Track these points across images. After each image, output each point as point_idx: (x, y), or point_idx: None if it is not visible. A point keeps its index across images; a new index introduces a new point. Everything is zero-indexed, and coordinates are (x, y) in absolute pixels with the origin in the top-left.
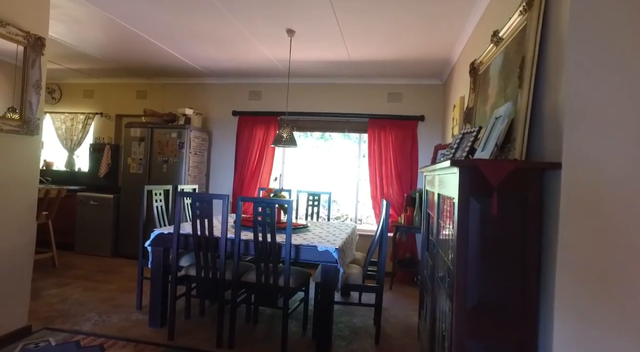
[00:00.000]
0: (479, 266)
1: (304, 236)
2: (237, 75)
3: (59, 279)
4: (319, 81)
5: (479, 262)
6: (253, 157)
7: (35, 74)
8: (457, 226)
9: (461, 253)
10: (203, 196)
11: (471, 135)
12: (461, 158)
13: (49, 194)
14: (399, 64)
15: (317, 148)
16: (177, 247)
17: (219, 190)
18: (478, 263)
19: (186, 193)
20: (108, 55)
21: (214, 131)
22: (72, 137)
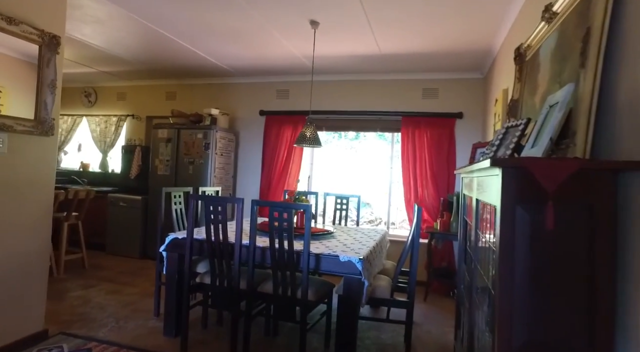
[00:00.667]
0: (528, 293)
1: (327, 243)
2: (264, 74)
3: (86, 280)
4: (349, 78)
5: (529, 289)
6: (280, 158)
7: (51, 73)
8: (500, 243)
9: (505, 277)
10: (216, 199)
11: (517, 129)
12: (505, 156)
13: (77, 195)
14: (434, 56)
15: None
16: (190, 253)
17: (246, 192)
18: (527, 290)
19: (199, 196)
20: (136, 57)
21: (240, 132)
22: (105, 139)
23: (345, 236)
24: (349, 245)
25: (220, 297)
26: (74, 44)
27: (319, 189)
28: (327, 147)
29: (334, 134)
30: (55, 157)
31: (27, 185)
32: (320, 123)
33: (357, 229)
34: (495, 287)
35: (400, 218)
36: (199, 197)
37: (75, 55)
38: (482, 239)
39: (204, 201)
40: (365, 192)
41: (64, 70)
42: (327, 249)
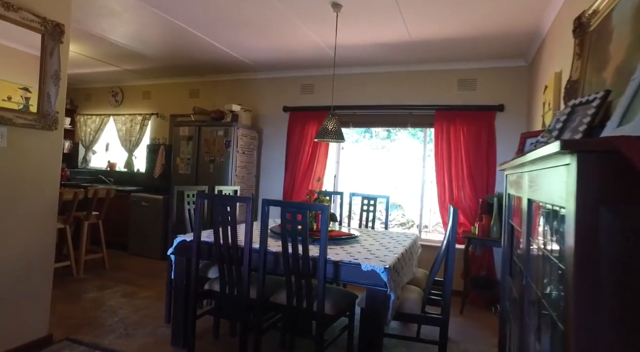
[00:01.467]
0: (620, 332)
1: (349, 249)
2: (287, 68)
3: (104, 281)
4: (376, 70)
5: (621, 326)
6: (305, 157)
7: (54, 63)
8: (577, 260)
9: (584, 307)
10: (224, 198)
11: (589, 106)
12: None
13: (97, 194)
14: (471, 42)
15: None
16: (196, 258)
17: (269, 192)
18: (619, 327)
19: (206, 194)
20: (157, 53)
21: (264, 129)
22: (130, 138)
23: (371, 241)
24: (374, 251)
25: (230, 307)
26: (96, 41)
27: (345, 189)
28: (356, 146)
29: (364, 134)
30: (60, 153)
31: (29, 182)
32: (346, 119)
33: (386, 233)
34: (569, 320)
35: (434, 221)
36: (206, 196)
37: (99, 53)
38: (536, 247)
39: (211, 200)
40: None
41: (91, 70)
42: (348, 255)
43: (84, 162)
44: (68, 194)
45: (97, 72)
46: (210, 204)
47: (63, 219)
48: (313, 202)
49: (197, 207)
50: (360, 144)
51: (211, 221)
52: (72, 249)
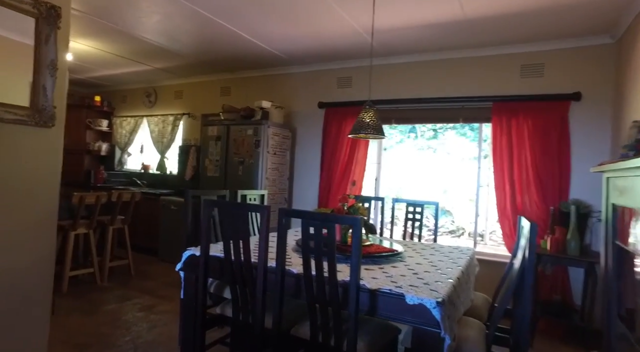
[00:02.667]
0: None
1: (391, 270)
2: (322, 60)
3: (125, 291)
4: (422, 58)
5: None
6: (342, 157)
7: (50, 51)
8: None
9: None
10: (234, 206)
11: None
12: None
13: (121, 198)
14: (539, 18)
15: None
16: (204, 277)
17: (303, 197)
18: None
19: (213, 202)
20: (184, 48)
21: (297, 127)
22: (162, 139)
23: (418, 258)
24: (422, 274)
25: (244, 337)
26: (124, 38)
27: (388, 195)
28: (400, 147)
29: (408, 133)
30: (59, 154)
31: (21, 186)
32: (387, 114)
33: (435, 247)
34: None
35: (491, 228)
36: (214, 203)
37: (128, 51)
38: None
39: (220, 209)
40: (446, 198)
41: (124, 70)
42: (388, 280)
43: (120, 165)
44: (90, 197)
45: (130, 72)
46: (220, 214)
47: (86, 223)
48: (344, 212)
49: (204, 216)
50: (405, 145)
51: (221, 232)
52: (96, 256)
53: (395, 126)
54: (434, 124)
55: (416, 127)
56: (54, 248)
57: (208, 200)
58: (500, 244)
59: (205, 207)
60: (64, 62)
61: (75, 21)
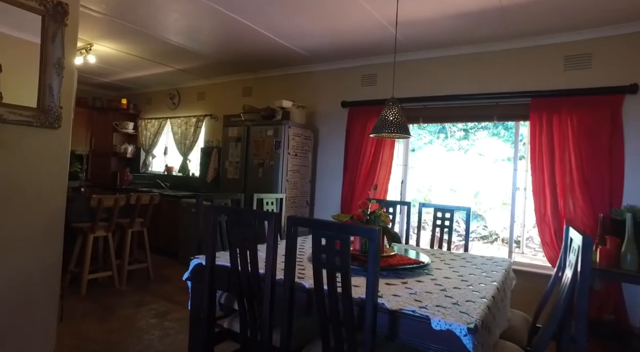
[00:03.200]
0: None
1: (415, 285)
2: (346, 57)
3: (143, 295)
4: (451, 52)
5: None
6: (367, 158)
7: (57, 50)
8: None
9: None
10: (240, 213)
11: None
12: None
13: (140, 200)
14: (585, 2)
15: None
16: (210, 288)
17: (325, 200)
18: None
19: (218, 208)
20: (207, 48)
21: (320, 127)
22: (185, 141)
23: (447, 271)
24: (451, 291)
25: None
26: (144, 39)
27: (415, 198)
28: (429, 149)
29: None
30: (66, 155)
31: (26, 189)
32: (415, 113)
33: (466, 257)
34: None
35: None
36: (219, 209)
37: (149, 52)
38: None
39: (226, 215)
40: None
41: (147, 72)
42: (411, 298)
43: (144, 167)
44: (108, 200)
45: (153, 74)
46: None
47: (105, 226)
48: (365, 219)
49: (209, 223)
50: (434, 146)
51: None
52: (115, 259)
53: (423, 126)
54: (465, 124)
55: (446, 127)
56: (61, 253)
57: (213, 206)
58: (537, 251)
59: (210, 213)
60: (71, 61)
61: (97, 23)
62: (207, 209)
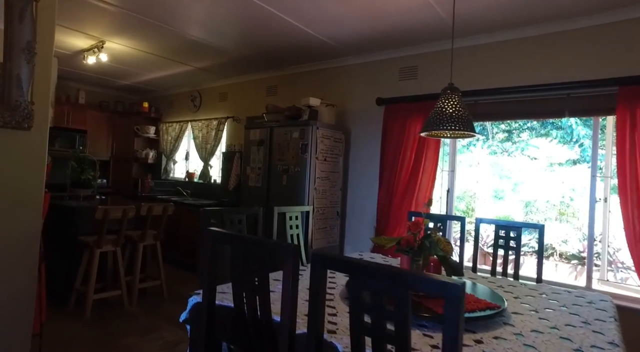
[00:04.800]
0: None
1: (494, 346)
2: (381, 47)
3: (152, 319)
4: (510, 36)
5: None
6: (406, 163)
7: (26, 31)
8: None
9: None
10: (245, 241)
11: None
12: None
13: (152, 212)
14: None
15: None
16: (207, 336)
17: (359, 212)
18: None
19: (217, 233)
20: (228, 42)
21: (351, 128)
22: (206, 145)
23: (530, 318)
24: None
25: None
26: (160, 33)
27: (456, 207)
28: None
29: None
30: (41, 163)
31: None
32: None
33: (545, 291)
34: None
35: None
36: (219, 236)
37: (166, 49)
38: None
39: (228, 243)
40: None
41: (166, 72)
42: None
43: (165, 173)
44: (115, 211)
45: (173, 74)
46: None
47: (113, 240)
48: (415, 244)
49: (206, 252)
50: (476, 149)
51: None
52: (124, 276)
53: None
54: (509, 123)
55: (487, 127)
56: (36, 278)
57: (212, 230)
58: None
59: (207, 238)
60: (47, 45)
61: (108, 17)
62: (209, 234)
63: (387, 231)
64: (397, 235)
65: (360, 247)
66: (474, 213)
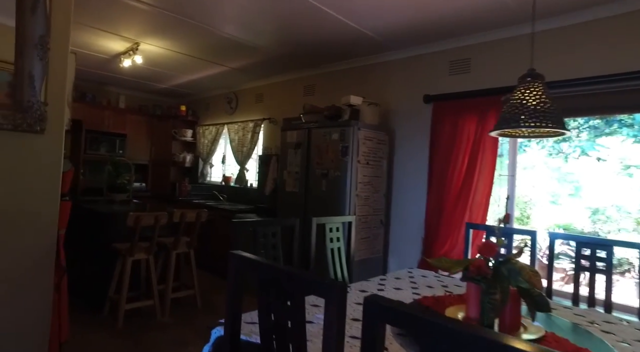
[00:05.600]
0: None
1: None
2: (429, 39)
3: (184, 331)
4: (592, 15)
5: None
6: (458, 167)
7: (39, 25)
8: None
9: None
10: (276, 271)
11: None
12: None
13: (185, 218)
14: None
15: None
16: None
17: (405, 220)
18: None
19: (246, 260)
20: (263, 39)
21: (396, 129)
22: (242, 148)
23: None
24: None
25: None
26: (195, 33)
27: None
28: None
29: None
30: (57, 169)
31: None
32: None
33: None
34: None
35: None
36: (246, 263)
37: (201, 50)
38: None
39: (256, 271)
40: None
41: (202, 74)
42: None
43: (202, 177)
44: (147, 218)
45: (208, 75)
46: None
47: (146, 247)
48: (487, 272)
49: (233, 280)
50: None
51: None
52: (157, 285)
53: None
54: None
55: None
56: (51, 296)
57: (236, 255)
58: None
59: (232, 263)
60: (62, 40)
61: (142, 16)
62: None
63: (437, 242)
64: (448, 248)
65: (405, 259)
66: (529, 221)
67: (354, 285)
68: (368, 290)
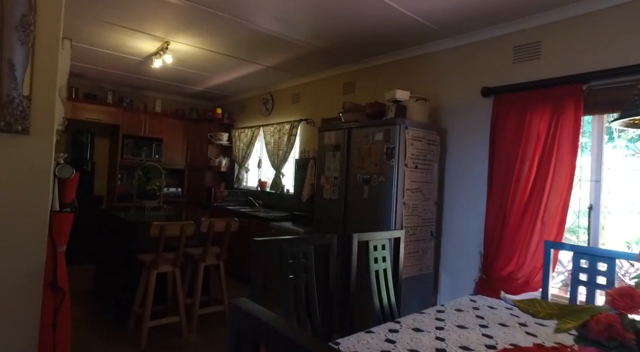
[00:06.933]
0: None
1: None
2: (488, 23)
3: (209, 350)
4: None
5: None
6: (526, 170)
7: (19, 3)
8: None
9: None
10: (280, 338)
11: None
12: None
13: (213, 228)
14: None
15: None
16: None
17: (458, 233)
18: None
19: (254, 322)
20: (299, 32)
21: (448, 128)
22: (278, 151)
23: None
24: None
25: None
26: (226, 28)
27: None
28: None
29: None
30: (46, 174)
31: None
32: (609, 95)
33: None
34: None
35: None
36: (253, 326)
37: (234, 47)
38: None
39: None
40: None
41: (236, 74)
42: None
43: (237, 182)
44: (173, 228)
45: (243, 75)
46: None
47: (172, 259)
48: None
49: (231, 336)
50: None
51: None
52: (183, 300)
53: None
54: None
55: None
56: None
57: (238, 308)
58: None
59: (234, 317)
60: (52, 21)
61: (171, 12)
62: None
63: (499, 259)
64: (514, 267)
65: (459, 277)
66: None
67: (405, 320)
68: (423, 328)
